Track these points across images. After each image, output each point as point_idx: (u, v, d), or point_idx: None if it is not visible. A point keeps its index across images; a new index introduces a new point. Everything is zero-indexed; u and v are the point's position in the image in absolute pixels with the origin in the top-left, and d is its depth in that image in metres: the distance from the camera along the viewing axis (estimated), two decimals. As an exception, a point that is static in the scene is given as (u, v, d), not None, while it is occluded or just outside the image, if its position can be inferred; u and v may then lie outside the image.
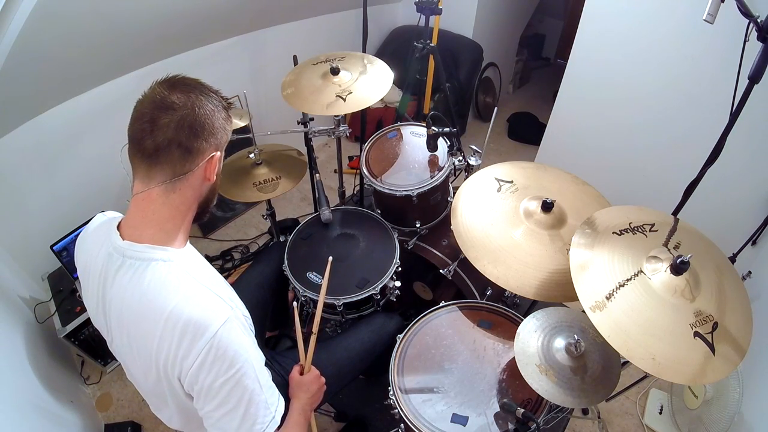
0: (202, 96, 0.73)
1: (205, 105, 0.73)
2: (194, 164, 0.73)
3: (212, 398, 0.70)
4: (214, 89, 0.78)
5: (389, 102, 2.92)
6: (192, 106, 0.71)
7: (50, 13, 1.26)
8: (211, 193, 0.83)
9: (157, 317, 0.68)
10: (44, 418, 1.36)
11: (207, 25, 2.01)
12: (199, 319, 0.67)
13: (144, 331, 0.71)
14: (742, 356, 0.89)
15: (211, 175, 0.77)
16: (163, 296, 0.69)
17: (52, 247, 1.69)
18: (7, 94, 1.42)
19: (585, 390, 0.97)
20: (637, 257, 0.98)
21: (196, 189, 0.76)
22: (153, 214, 0.74)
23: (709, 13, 1.03)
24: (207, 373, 0.68)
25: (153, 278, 0.70)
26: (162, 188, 0.72)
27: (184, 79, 0.74)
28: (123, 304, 0.73)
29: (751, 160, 1.76)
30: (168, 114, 0.69)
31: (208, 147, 0.74)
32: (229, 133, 0.80)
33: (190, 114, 0.70)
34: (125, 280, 0.72)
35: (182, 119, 0.70)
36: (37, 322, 1.65)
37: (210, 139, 0.74)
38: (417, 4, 1.88)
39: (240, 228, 2.58)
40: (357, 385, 1.65)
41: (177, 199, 0.74)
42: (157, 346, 0.70)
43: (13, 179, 1.67)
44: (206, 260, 0.86)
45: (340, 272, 1.39)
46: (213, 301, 0.71)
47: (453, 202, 1.32)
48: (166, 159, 0.71)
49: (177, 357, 0.68)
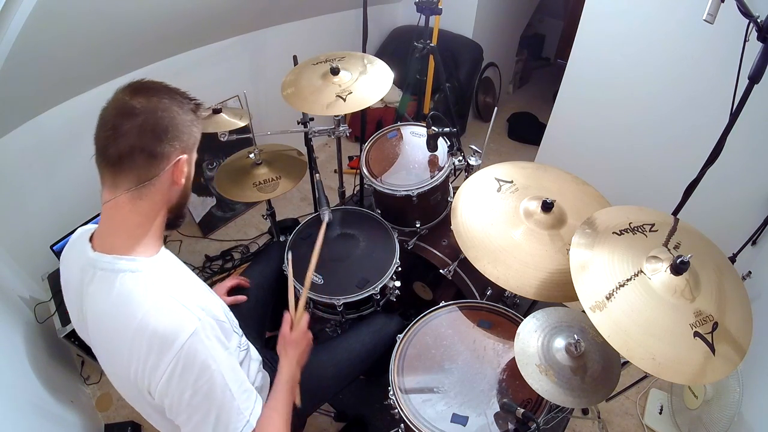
0: (166, 98, 0.72)
1: (169, 107, 0.71)
2: (160, 169, 0.72)
3: (183, 410, 0.70)
4: (181, 91, 0.77)
5: (389, 102, 2.92)
6: (154, 110, 0.70)
7: (50, 13, 1.26)
8: (182, 198, 0.81)
9: (125, 331, 0.68)
10: (44, 418, 1.36)
11: (207, 25, 2.01)
12: (165, 333, 0.66)
13: (115, 346, 0.71)
14: (742, 356, 0.89)
15: (179, 179, 0.75)
16: (130, 310, 0.68)
17: (52, 247, 1.70)
18: (7, 94, 1.42)
19: (585, 390, 0.97)
20: (637, 257, 0.98)
21: (164, 194, 0.75)
22: (121, 222, 0.73)
23: (709, 13, 1.03)
24: (176, 386, 0.68)
25: (121, 291, 0.69)
26: (129, 195, 0.71)
27: (147, 83, 0.73)
28: (96, 319, 0.73)
29: (751, 160, 1.76)
30: (130, 120, 0.68)
31: (174, 150, 0.73)
32: (196, 135, 0.78)
33: (152, 118, 0.69)
34: (97, 293, 0.72)
35: (144, 123, 0.68)
36: (37, 322, 1.65)
37: (175, 142, 0.72)
38: (417, 4, 1.88)
39: (240, 228, 2.58)
40: (357, 385, 1.65)
41: (145, 205, 0.73)
42: (127, 360, 0.69)
43: (13, 179, 1.67)
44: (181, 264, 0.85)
45: (340, 272, 1.39)
46: (180, 313, 0.69)
47: (453, 202, 1.32)
48: (131, 165, 0.70)
49: (146, 370, 0.68)
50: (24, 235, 1.76)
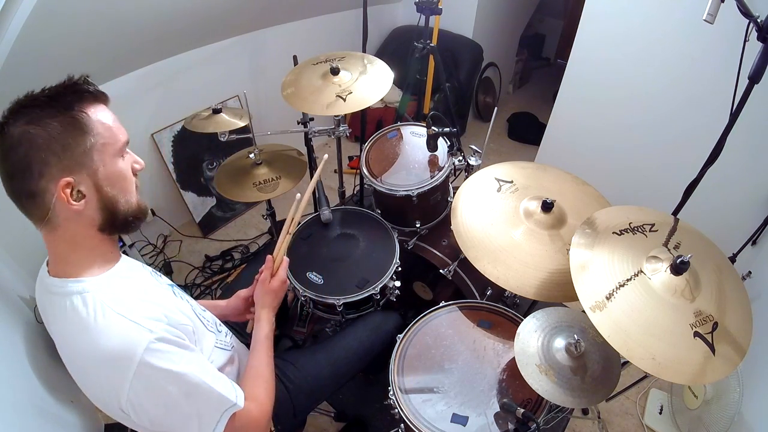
0: (21, 122, 0.63)
1: (24, 135, 0.62)
2: (47, 203, 0.66)
3: (163, 419, 0.70)
4: (45, 91, 0.68)
5: (389, 102, 2.92)
6: (10, 147, 0.62)
7: (50, 13, 1.26)
8: (107, 210, 0.72)
9: (82, 358, 0.68)
10: (44, 418, 1.36)
11: (207, 25, 2.01)
12: (118, 353, 0.65)
13: (78, 371, 0.71)
14: (742, 356, 0.89)
15: (72, 206, 0.66)
16: (82, 336, 0.67)
17: (52, 247, 1.69)
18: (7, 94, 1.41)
19: (585, 390, 0.97)
20: (637, 257, 0.98)
21: (75, 220, 0.69)
22: (56, 251, 0.72)
23: (709, 13, 1.03)
24: (147, 401, 0.67)
25: (71, 316, 0.67)
26: (45, 230, 0.70)
27: (7, 110, 0.65)
28: (59, 345, 0.73)
29: (751, 160, 1.76)
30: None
31: (49, 182, 0.64)
32: (81, 141, 0.66)
33: (10, 158, 0.63)
34: (53, 316, 0.71)
35: (9, 167, 0.64)
36: (37, 322, 1.65)
37: (45, 172, 0.64)
38: (417, 4, 1.88)
39: (240, 228, 2.58)
40: (357, 385, 1.65)
41: (64, 234, 0.70)
42: (92, 384, 0.69)
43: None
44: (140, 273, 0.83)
45: (340, 272, 1.39)
46: (129, 330, 0.67)
47: (453, 202, 1.32)
48: (24, 207, 0.68)
49: (111, 392, 0.67)
50: (24, 235, 1.74)
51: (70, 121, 0.66)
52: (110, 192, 0.71)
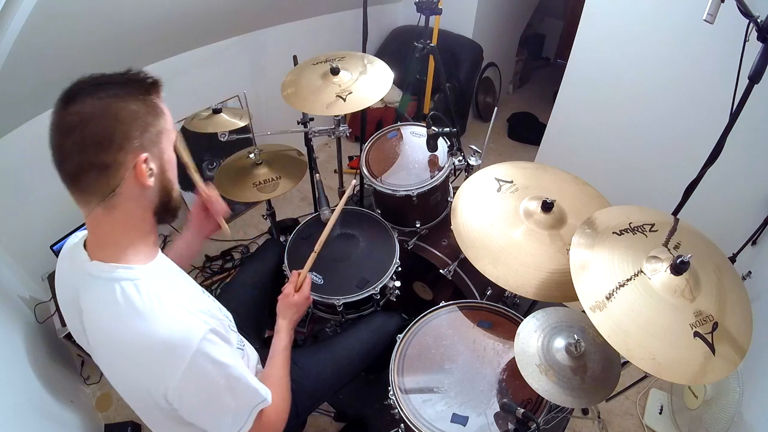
0: (104, 95, 0.64)
1: (108, 107, 0.64)
2: (119, 178, 0.66)
3: (204, 409, 0.71)
4: (126, 74, 0.68)
5: (389, 102, 2.92)
6: (90, 118, 0.62)
7: (50, 13, 1.26)
8: (164, 195, 0.74)
9: (133, 344, 0.67)
10: (44, 418, 1.36)
11: (207, 25, 2.01)
12: (176, 342, 0.66)
13: (121, 358, 0.70)
14: (742, 356, 0.89)
15: (146, 181, 0.68)
16: (134, 322, 0.66)
17: (52, 247, 1.70)
18: (7, 94, 1.42)
19: (585, 390, 0.97)
20: (637, 257, 0.98)
21: (137, 199, 0.70)
22: (106, 233, 0.71)
23: (709, 13, 1.03)
24: (195, 390, 0.68)
25: (122, 301, 0.67)
26: (101, 209, 0.68)
27: (78, 85, 0.65)
28: (98, 331, 0.71)
29: (751, 160, 1.76)
30: (69, 137, 0.62)
31: (127, 154, 0.66)
32: (156, 123, 0.70)
33: (90, 129, 0.62)
34: (96, 301, 0.70)
35: (83, 138, 0.62)
36: (37, 322, 1.65)
37: (126, 145, 0.65)
38: (417, 4, 1.87)
39: (240, 228, 2.58)
40: (357, 385, 1.65)
41: (122, 215, 0.69)
42: (137, 371, 0.69)
43: (14, 179, 1.67)
44: (178, 269, 0.84)
45: (340, 272, 1.39)
46: (187, 320, 0.69)
47: (453, 202, 1.32)
48: (86, 183, 0.65)
49: (160, 380, 0.67)
50: (24, 235, 1.75)
51: (149, 104, 0.69)
52: (169, 176, 0.75)
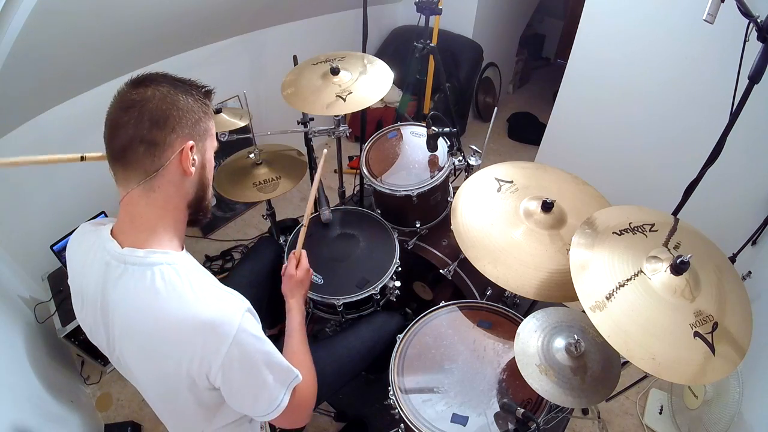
0: (167, 86, 0.70)
1: (169, 94, 0.69)
2: (164, 158, 0.69)
3: (245, 387, 0.73)
4: (188, 79, 0.75)
5: (389, 102, 2.92)
6: (151, 98, 0.68)
7: (50, 13, 1.26)
8: (200, 190, 0.78)
9: (174, 322, 0.67)
10: (44, 418, 1.36)
11: (207, 25, 2.01)
12: (219, 320, 0.67)
13: (160, 338, 0.69)
14: (742, 356, 0.89)
15: (188, 168, 0.72)
16: (176, 301, 0.67)
17: (52, 247, 1.70)
18: (7, 94, 1.42)
19: (585, 390, 0.97)
20: (637, 257, 0.98)
21: (177, 185, 0.73)
22: (140, 217, 0.72)
23: (709, 13, 1.03)
24: (239, 367, 0.70)
25: (163, 282, 0.68)
26: (141, 188, 0.70)
27: (148, 74, 0.71)
28: (130, 313, 0.70)
29: (751, 160, 1.76)
30: (129, 112, 0.67)
31: (177, 138, 0.70)
32: (206, 122, 0.75)
33: (149, 106, 0.67)
34: (130, 287, 0.69)
35: (141, 114, 0.67)
36: (37, 322, 1.65)
37: (178, 129, 0.70)
38: (417, 4, 1.88)
39: (240, 228, 2.58)
40: (357, 384, 1.65)
41: (159, 198, 0.71)
42: (176, 352, 0.68)
43: (14, 179, 1.67)
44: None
45: (340, 272, 1.39)
46: (227, 297, 0.71)
47: (453, 202, 1.32)
48: (134, 158, 0.68)
49: (204, 358, 0.68)
50: (24, 235, 1.76)
51: (203, 104, 0.75)
52: (207, 174, 0.79)
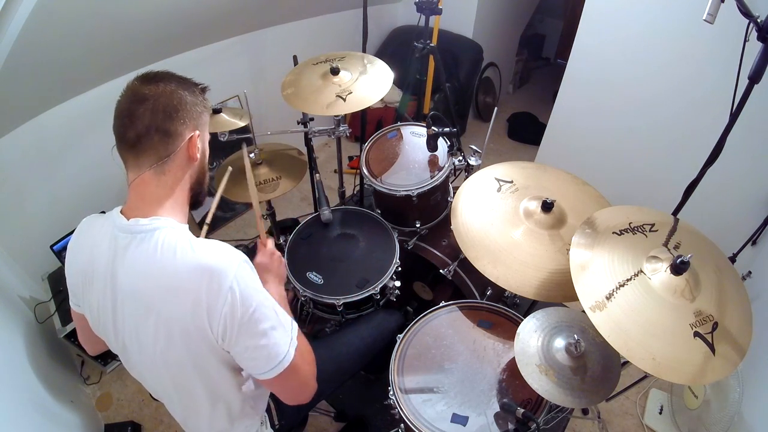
0: (174, 82, 0.79)
1: (176, 90, 0.78)
2: (175, 145, 0.78)
3: (243, 333, 0.75)
4: (187, 78, 0.84)
5: (389, 102, 2.92)
6: (163, 93, 0.76)
7: (50, 13, 1.26)
8: (201, 174, 0.87)
9: (178, 274, 0.72)
10: (44, 418, 1.36)
11: (207, 25, 2.01)
12: (219, 264, 0.73)
13: (166, 290, 0.74)
14: (742, 356, 0.89)
15: (195, 154, 0.81)
16: (180, 253, 0.73)
17: (52, 247, 1.70)
18: (7, 94, 1.42)
19: (585, 390, 0.97)
20: (637, 257, 0.98)
21: (184, 169, 0.82)
22: (150, 195, 0.78)
23: (709, 13, 1.03)
24: (239, 309, 0.73)
25: (165, 241, 0.74)
26: (152, 171, 0.78)
27: (155, 72, 0.80)
28: (137, 278, 0.75)
29: (751, 160, 1.76)
30: (143, 104, 0.74)
31: (186, 128, 0.79)
32: (205, 115, 0.85)
33: (162, 100, 0.75)
34: (137, 252, 0.74)
35: (155, 106, 0.75)
36: (37, 322, 1.65)
37: (186, 120, 0.79)
38: (417, 4, 1.88)
39: (240, 228, 2.58)
40: (357, 384, 1.65)
41: (169, 179, 0.79)
42: (183, 302, 0.72)
43: (14, 179, 1.67)
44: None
45: (340, 272, 1.39)
46: (226, 249, 0.77)
47: (453, 202, 1.32)
48: (149, 145, 0.76)
49: (208, 303, 0.72)
50: (24, 235, 1.75)
51: (202, 99, 0.84)
52: (205, 161, 0.88)
